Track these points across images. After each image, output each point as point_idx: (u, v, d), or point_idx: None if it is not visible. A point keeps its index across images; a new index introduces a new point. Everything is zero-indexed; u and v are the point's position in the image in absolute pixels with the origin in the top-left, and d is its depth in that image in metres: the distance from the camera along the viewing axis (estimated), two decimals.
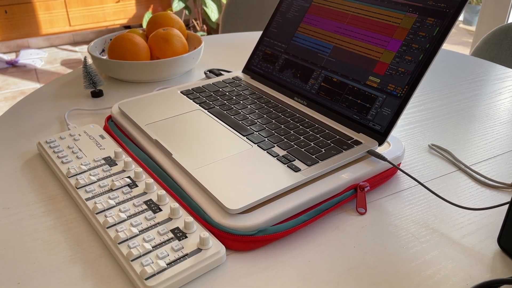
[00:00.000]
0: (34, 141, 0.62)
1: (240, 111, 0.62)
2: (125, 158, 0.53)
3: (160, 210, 0.45)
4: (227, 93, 0.67)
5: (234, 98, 0.66)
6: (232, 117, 0.60)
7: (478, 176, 0.55)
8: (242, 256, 0.43)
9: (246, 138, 0.55)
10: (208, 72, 0.83)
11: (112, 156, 0.54)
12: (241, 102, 0.65)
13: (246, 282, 0.40)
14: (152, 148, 0.55)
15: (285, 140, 0.55)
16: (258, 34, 1.12)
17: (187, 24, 3.51)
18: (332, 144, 0.53)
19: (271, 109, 0.62)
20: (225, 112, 0.61)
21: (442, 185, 0.54)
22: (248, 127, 0.57)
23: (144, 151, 0.55)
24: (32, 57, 3.12)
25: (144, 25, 3.08)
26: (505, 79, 0.86)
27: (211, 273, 0.40)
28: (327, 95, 0.61)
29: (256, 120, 0.59)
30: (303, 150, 0.52)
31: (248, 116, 0.60)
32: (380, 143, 0.54)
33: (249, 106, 0.63)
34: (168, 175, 0.51)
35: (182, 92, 0.68)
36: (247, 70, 0.75)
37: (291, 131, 0.56)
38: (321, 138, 0.55)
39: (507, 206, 0.46)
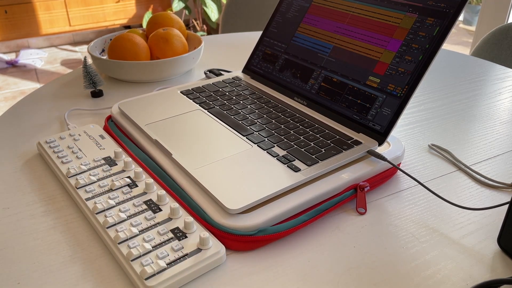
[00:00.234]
0: (34, 141, 0.62)
1: (240, 111, 0.62)
2: (125, 158, 0.53)
3: (160, 210, 0.45)
4: (227, 93, 0.67)
5: (234, 98, 0.66)
6: (232, 117, 0.60)
7: (478, 176, 0.55)
8: (242, 256, 0.43)
9: (246, 138, 0.55)
10: (208, 72, 0.83)
11: (112, 156, 0.54)
12: (241, 102, 0.65)
13: (246, 282, 0.40)
14: (152, 148, 0.55)
15: (285, 140, 0.55)
16: (258, 34, 1.12)
17: (187, 24, 3.51)
18: (332, 144, 0.53)
19: (271, 109, 0.62)
20: (225, 112, 0.61)
21: (442, 185, 0.54)
22: (248, 127, 0.57)
23: (144, 151, 0.55)
24: (32, 57, 3.12)
25: (144, 25, 3.07)
26: (505, 79, 0.86)
27: (211, 273, 0.40)
28: (327, 95, 0.61)
29: (256, 120, 0.59)
30: (303, 150, 0.52)
31: (248, 116, 0.60)
32: (380, 143, 0.54)
33: (249, 106, 0.63)
34: (168, 175, 0.51)
35: (182, 92, 0.68)
36: (247, 70, 0.75)
37: (291, 131, 0.56)
38: (321, 138, 0.55)
39: (507, 206, 0.46)
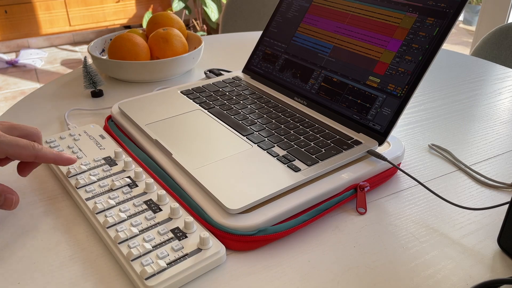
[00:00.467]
0: None
1: (240, 111, 0.62)
2: (125, 158, 0.53)
3: (160, 210, 0.45)
4: (227, 93, 0.67)
5: (234, 98, 0.66)
6: (232, 117, 0.60)
7: (478, 176, 0.55)
8: (242, 256, 0.43)
9: (246, 138, 0.55)
10: (208, 72, 0.83)
11: (112, 156, 0.54)
12: (241, 102, 0.65)
13: (246, 282, 0.40)
14: (152, 148, 0.55)
15: (285, 140, 0.55)
16: (258, 34, 1.12)
17: (187, 24, 3.51)
18: (332, 144, 0.53)
19: (271, 109, 0.62)
20: (225, 112, 0.61)
21: (442, 185, 0.54)
22: (248, 127, 0.57)
23: (144, 151, 0.55)
24: (32, 57, 3.12)
25: (144, 25, 3.07)
26: (505, 79, 0.86)
27: (211, 273, 0.40)
28: (327, 95, 0.61)
29: (256, 120, 0.59)
30: (303, 150, 0.52)
31: (248, 116, 0.60)
32: (380, 143, 0.54)
33: (249, 106, 0.63)
34: (168, 175, 0.51)
35: (182, 92, 0.68)
36: (247, 70, 0.75)
37: (291, 131, 0.56)
38: (321, 138, 0.55)
39: (507, 206, 0.46)
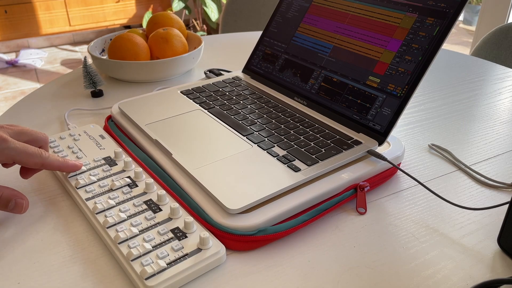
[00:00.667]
0: None
1: (240, 111, 0.62)
2: (125, 158, 0.53)
3: (160, 210, 0.45)
4: (227, 93, 0.67)
5: (234, 98, 0.66)
6: (232, 117, 0.60)
7: (478, 176, 0.55)
8: (242, 256, 0.43)
9: (246, 138, 0.55)
10: (208, 72, 0.83)
11: (112, 156, 0.54)
12: (241, 102, 0.65)
13: (246, 282, 0.40)
14: (152, 148, 0.55)
15: (285, 140, 0.55)
16: (258, 34, 1.12)
17: (187, 24, 3.51)
18: (332, 144, 0.53)
19: (271, 109, 0.62)
20: (225, 112, 0.61)
21: (442, 185, 0.54)
22: (248, 127, 0.57)
23: (144, 151, 0.55)
24: (32, 57, 3.12)
25: (144, 25, 3.07)
26: (505, 79, 0.86)
27: (211, 273, 0.40)
28: (327, 95, 0.61)
29: (256, 120, 0.59)
30: (303, 150, 0.52)
31: (248, 116, 0.60)
32: (380, 143, 0.54)
33: (249, 106, 0.63)
34: (168, 175, 0.51)
35: (182, 92, 0.68)
36: (247, 70, 0.75)
37: (291, 131, 0.56)
38: (321, 138, 0.55)
39: (507, 206, 0.46)
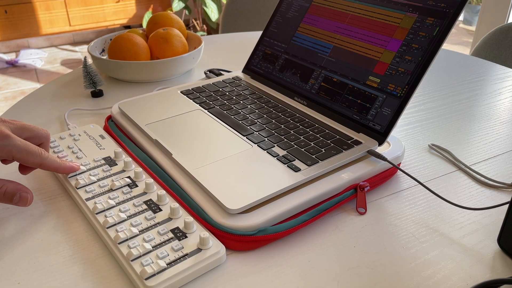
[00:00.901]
0: None
1: (240, 111, 0.62)
2: (125, 158, 0.53)
3: (160, 210, 0.45)
4: (227, 93, 0.67)
5: (234, 98, 0.66)
6: (232, 117, 0.60)
7: (478, 176, 0.55)
8: (242, 256, 0.43)
9: (246, 138, 0.55)
10: (208, 72, 0.83)
11: (112, 156, 0.54)
12: (241, 102, 0.65)
13: (246, 282, 0.40)
14: (152, 148, 0.55)
15: (285, 140, 0.55)
16: (258, 34, 1.12)
17: (187, 24, 3.51)
18: (332, 144, 0.53)
19: (271, 109, 0.62)
20: (225, 112, 0.61)
21: (442, 185, 0.54)
22: (248, 127, 0.57)
23: (144, 151, 0.55)
24: (32, 57, 3.12)
25: (144, 25, 3.07)
26: (505, 79, 0.86)
27: (211, 273, 0.40)
28: (327, 95, 0.61)
29: (256, 120, 0.59)
30: (303, 150, 0.52)
31: (248, 116, 0.60)
32: (380, 143, 0.54)
33: (249, 106, 0.63)
34: (168, 175, 0.51)
35: (182, 92, 0.68)
36: (247, 70, 0.75)
37: (291, 131, 0.56)
38: (321, 138, 0.55)
39: (507, 206, 0.46)
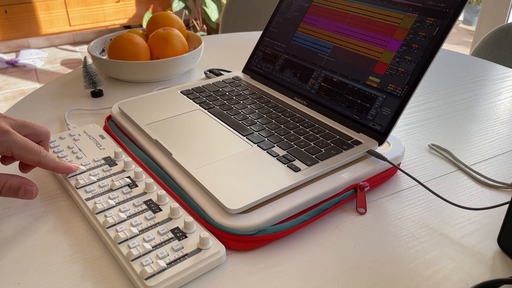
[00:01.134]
0: None
1: (240, 111, 0.62)
2: (125, 158, 0.53)
3: (160, 210, 0.45)
4: (227, 93, 0.67)
5: (234, 98, 0.66)
6: (232, 117, 0.60)
7: (478, 176, 0.55)
8: (242, 256, 0.43)
9: (246, 138, 0.55)
10: (208, 72, 0.83)
11: (112, 156, 0.54)
12: (241, 102, 0.65)
13: (246, 282, 0.40)
14: (152, 148, 0.55)
15: (285, 140, 0.55)
16: (258, 34, 1.12)
17: (187, 24, 3.51)
18: (332, 144, 0.53)
19: (271, 109, 0.62)
20: (225, 112, 0.61)
21: (442, 185, 0.54)
22: (248, 127, 0.57)
23: (144, 151, 0.55)
24: (32, 57, 3.12)
25: (144, 25, 3.07)
26: (505, 79, 0.86)
27: (211, 273, 0.40)
28: (327, 95, 0.61)
29: (256, 120, 0.59)
30: (303, 150, 0.52)
31: (248, 116, 0.60)
32: (380, 143, 0.54)
33: (249, 106, 0.63)
34: (168, 175, 0.51)
35: (182, 92, 0.68)
36: (247, 70, 0.75)
37: (291, 131, 0.56)
38: (321, 138, 0.55)
39: (507, 206, 0.46)
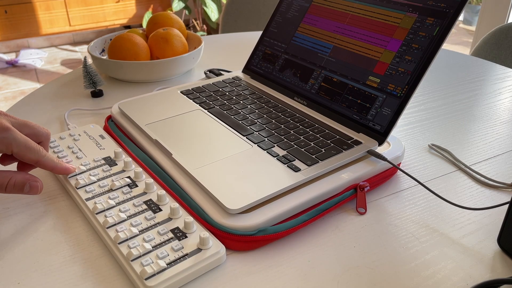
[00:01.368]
0: None
1: (240, 111, 0.62)
2: (125, 158, 0.53)
3: (160, 210, 0.45)
4: (227, 93, 0.67)
5: (234, 98, 0.66)
6: (232, 117, 0.60)
7: (478, 176, 0.55)
8: (242, 256, 0.43)
9: (246, 138, 0.55)
10: (208, 72, 0.83)
11: (112, 156, 0.54)
12: (241, 102, 0.65)
13: (246, 282, 0.40)
14: (152, 148, 0.55)
15: (285, 140, 0.55)
16: (258, 34, 1.12)
17: (187, 24, 3.51)
18: (332, 144, 0.53)
19: (271, 109, 0.62)
20: (225, 112, 0.61)
21: (442, 185, 0.54)
22: (248, 127, 0.57)
23: (144, 151, 0.55)
24: (32, 57, 3.12)
25: (144, 25, 3.07)
26: (505, 79, 0.86)
27: (211, 273, 0.40)
28: (327, 95, 0.61)
29: (256, 120, 0.59)
30: (303, 150, 0.52)
31: (248, 116, 0.60)
32: (380, 143, 0.54)
33: (249, 106, 0.63)
34: (168, 175, 0.51)
35: (182, 92, 0.68)
36: (247, 70, 0.75)
37: (291, 131, 0.56)
38: (321, 138, 0.55)
39: (507, 206, 0.46)
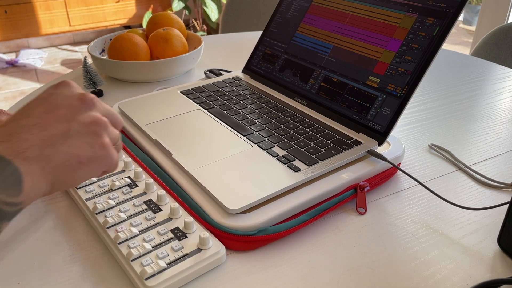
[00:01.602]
0: None
1: (240, 111, 0.62)
2: (125, 158, 0.53)
3: (160, 210, 0.45)
4: (227, 93, 0.67)
5: (234, 98, 0.66)
6: (232, 117, 0.60)
7: (478, 176, 0.55)
8: (242, 256, 0.43)
9: (246, 138, 0.55)
10: (208, 72, 0.83)
11: None
12: (241, 102, 0.65)
13: (246, 282, 0.40)
14: (152, 148, 0.55)
15: (285, 140, 0.55)
16: (258, 34, 1.12)
17: (187, 24, 3.51)
18: (332, 144, 0.53)
19: (271, 109, 0.62)
20: (225, 112, 0.61)
21: (442, 185, 0.54)
22: (248, 127, 0.57)
23: (144, 151, 0.55)
24: (32, 57, 3.12)
25: (144, 25, 3.07)
26: (505, 79, 0.86)
27: (211, 273, 0.40)
28: (327, 95, 0.61)
29: (256, 120, 0.59)
30: (303, 150, 0.52)
31: (248, 116, 0.60)
32: (380, 143, 0.54)
33: (249, 106, 0.63)
34: (168, 175, 0.50)
35: (182, 92, 0.68)
36: (247, 70, 0.75)
37: (291, 131, 0.56)
38: (321, 138, 0.55)
39: (507, 206, 0.46)
